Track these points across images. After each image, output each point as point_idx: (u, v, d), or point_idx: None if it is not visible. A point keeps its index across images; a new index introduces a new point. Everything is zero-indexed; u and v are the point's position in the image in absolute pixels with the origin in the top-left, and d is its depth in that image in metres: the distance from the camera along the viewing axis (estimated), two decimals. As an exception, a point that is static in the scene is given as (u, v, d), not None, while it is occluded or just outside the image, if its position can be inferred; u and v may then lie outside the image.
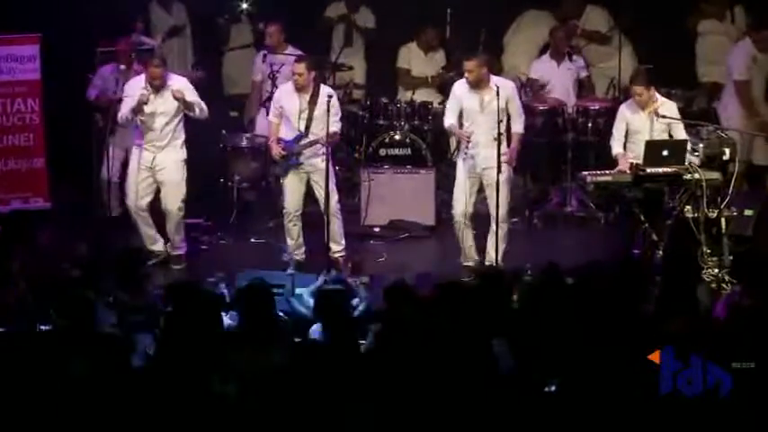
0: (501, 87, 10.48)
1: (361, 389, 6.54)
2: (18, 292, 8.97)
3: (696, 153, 10.56)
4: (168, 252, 11.14)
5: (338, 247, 10.92)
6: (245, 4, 13.58)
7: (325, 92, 10.84)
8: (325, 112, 10.58)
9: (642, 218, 10.51)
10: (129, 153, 11.23)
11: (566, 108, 12.73)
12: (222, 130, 12.41)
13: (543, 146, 12.62)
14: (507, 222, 10.77)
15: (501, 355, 7.08)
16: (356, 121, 12.86)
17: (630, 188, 10.51)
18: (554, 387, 6.80)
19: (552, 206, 12.65)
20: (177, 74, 11.35)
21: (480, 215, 10.93)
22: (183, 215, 11.10)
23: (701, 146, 10.65)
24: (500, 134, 10.44)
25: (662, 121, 10.61)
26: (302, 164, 10.86)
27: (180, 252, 11.17)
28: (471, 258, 10.85)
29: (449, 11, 13.28)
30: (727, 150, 10.64)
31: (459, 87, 10.75)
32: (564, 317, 7.54)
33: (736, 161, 10.72)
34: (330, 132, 10.67)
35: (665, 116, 10.59)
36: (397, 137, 12.58)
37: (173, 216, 11.04)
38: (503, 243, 10.56)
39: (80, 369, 6.69)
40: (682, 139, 10.58)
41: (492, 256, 10.57)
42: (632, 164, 10.45)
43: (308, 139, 10.81)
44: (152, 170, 10.97)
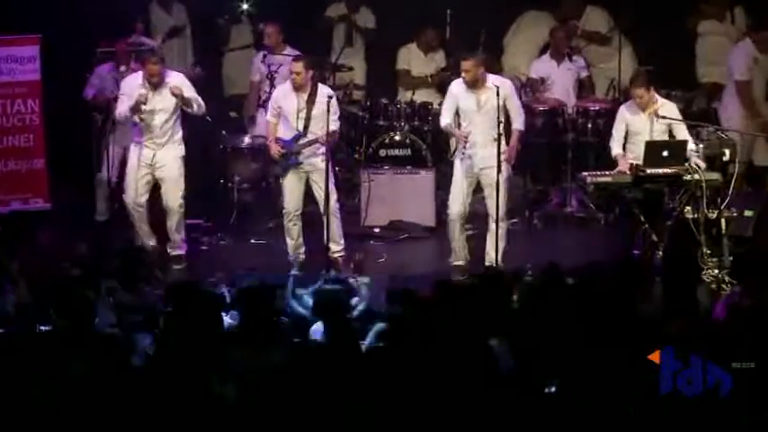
0: (499, 86, 10.46)
1: (361, 389, 6.53)
2: (18, 293, 8.98)
3: (697, 154, 10.57)
4: (168, 252, 11.13)
5: (338, 246, 10.91)
6: (245, 5, 13.58)
7: (324, 91, 10.83)
8: (324, 111, 10.58)
9: (642, 218, 10.52)
10: (128, 151, 11.21)
11: (566, 108, 12.72)
12: (222, 131, 12.41)
13: (543, 146, 12.61)
14: (506, 222, 10.77)
15: (501, 356, 7.07)
16: (356, 121, 12.86)
17: (630, 189, 10.51)
18: (554, 387, 6.79)
19: (552, 207, 12.64)
20: (175, 71, 11.34)
21: (479, 215, 10.93)
22: (184, 212, 11.09)
23: (701, 146, 10.67)
24: (500, 134, 10.45)
25: (662, 122, 10.62)
26: (301, 163, 10.85)
27: (180, 252, 11.15)
28: (462, 258, 10.84)
29: (449, 11, 13.26)
30: (727, 151, 10.68)
31: (456, 87, 10.74)
32: (564, 317, 7.54)
33: (736, 162, 10.74)
34: (329, 131, 10.67)
35: (665, 117, 10.60)
36: (397, 137, 12.57)
37: (174, 213, 11.04)
38: (502, 242, 10.55)
39: (80, 369, 6.68)
40: (682, 139, 10.58)
41: (492, 257, 10.55)
42: (632, 165, 10.45)
43: (306, 139, 10.80)
44: (152, 167, 10.97)
